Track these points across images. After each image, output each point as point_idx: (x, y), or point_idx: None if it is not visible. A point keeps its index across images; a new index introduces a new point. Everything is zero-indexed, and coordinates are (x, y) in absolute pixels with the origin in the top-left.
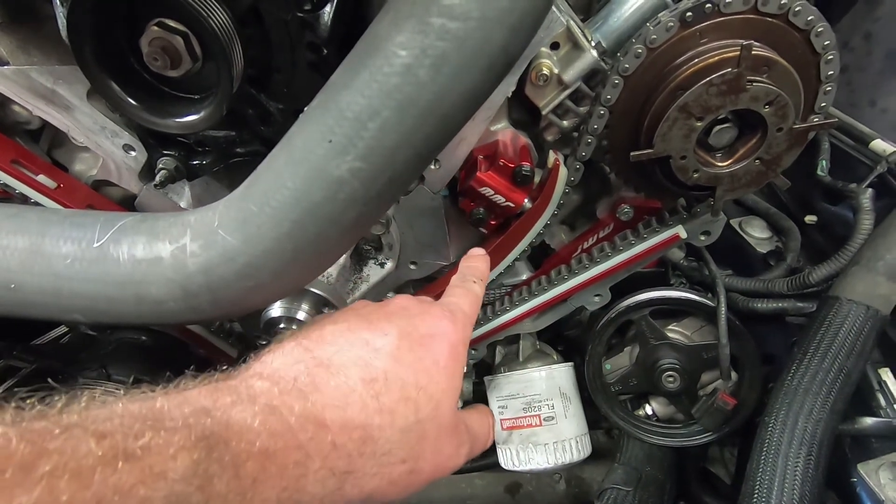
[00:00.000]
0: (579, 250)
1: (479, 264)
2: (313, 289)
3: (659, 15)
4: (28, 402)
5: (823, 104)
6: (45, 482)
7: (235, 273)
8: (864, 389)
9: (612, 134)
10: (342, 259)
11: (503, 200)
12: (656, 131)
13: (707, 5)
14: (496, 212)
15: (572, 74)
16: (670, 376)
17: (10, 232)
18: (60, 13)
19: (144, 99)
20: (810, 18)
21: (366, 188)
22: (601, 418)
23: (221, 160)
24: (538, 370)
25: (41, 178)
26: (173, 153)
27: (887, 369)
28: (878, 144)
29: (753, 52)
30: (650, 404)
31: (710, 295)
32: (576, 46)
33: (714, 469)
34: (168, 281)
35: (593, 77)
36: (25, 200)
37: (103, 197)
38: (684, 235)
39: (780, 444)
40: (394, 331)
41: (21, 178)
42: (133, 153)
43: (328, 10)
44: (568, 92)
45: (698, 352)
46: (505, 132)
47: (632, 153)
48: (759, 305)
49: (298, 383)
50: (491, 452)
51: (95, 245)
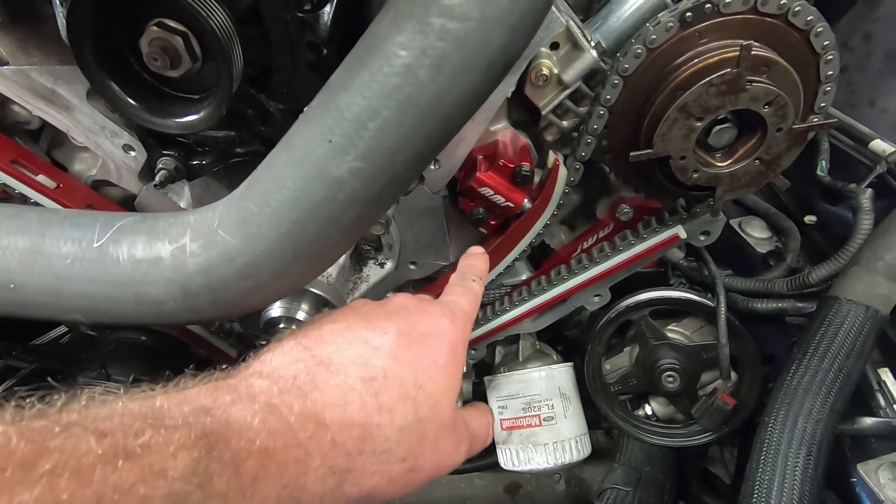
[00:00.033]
0: (579, 250)
1: (478, 262)
2: (313, 289)
3: (658, 15)
4: (28, 401)
5: (823, 104)
6: (46, 480)
7: (235, 273)
8: (864, 389)
9: (612, 134)
10: (342, 259)
11: (503, 200)
12: (656, 131)
13: (706, 5)
14: (496, 212)
15: (572, 74)
16: (670, 376)
17: (10, 232)
18: (60, 13)
19: (144, 99)
20: (810, 18)
21: (366, 188)
22: (601, 418)
23: (221, 160)
24: (538, 370)
25: (41, 178)
26: (173, 153)
27: (887, 369)
28: (878, 144)
29: (753, 53)
30: (650, 404)
31: (710, 295)
32: (575, 46)
33: (714, 469)
34: (168, 281)
35: (593, 77)
36: (25, 200)
37: (103, 197)
38: (684, 235)
39: (780, 444)
40: (393, 329)
41: (21, 178)
42: (133, 153)
43: (328, 11)
44: (568, 92)
45: (698, 352)
46: (505, 132)
47: (631, 153)
48: (759, 305)
49: (298, 382)
50: (491, 452)
51: (95, 245)
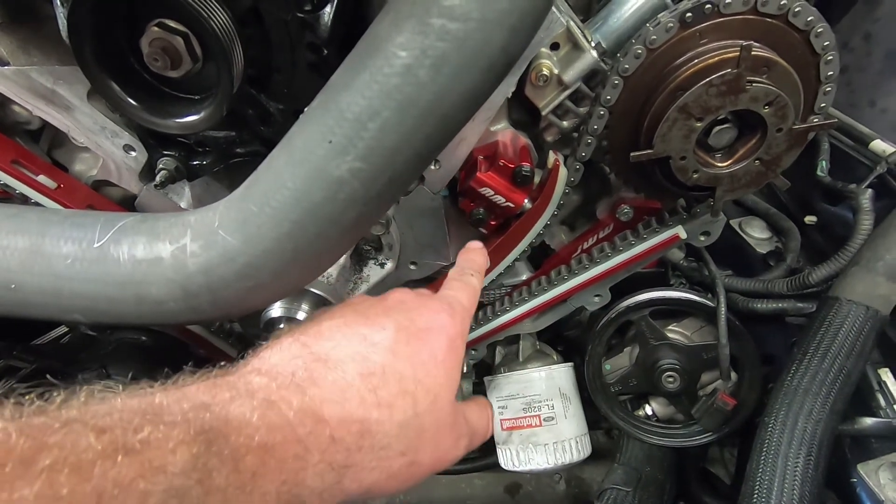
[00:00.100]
0: (579, 251)
1: (477, 257)
2: (313, 289)
3: (659, 15)
4: (27, 398)
5: (823, 105)
6: (46, 476)
7: (235, 273)
8: (864, 390)
9: (612, 134)
10: (342, 259)
11: (503, 201)
12: (656, 132)
13: (707, 6)
14: (496, 212)
15: (572, 75)
16: (670, 377)
17: (11, 232)
18: (61, 13)
19: (144, 99)
20: (810, 19)
21: (366, 188)
22: (601, 418)
23: (221, 160)
24: (538, 370)
25: (41, 179)
26: (173, 153)
27: (887, 369)
28: (878, 145)
29: (753, 53)
30: (650, 404)
31: (710, 295)
32: (576, 47)
33: (714, 469)
34: (168, 281)
35: (593, 77)
36: (25, 201)
37: (103, 197)
38: (684, 236)
39: (780, 445)
40: (391, 325)
41: (21, 179)
42: (133, 153)
43: (328, 11)
44: (568, 92)
45: (698, 352)
46: (505, 132)
47: (632, 154)
48: (759, 306)
49: (296, 378)
50: (491, 452)
51: (96, 245)
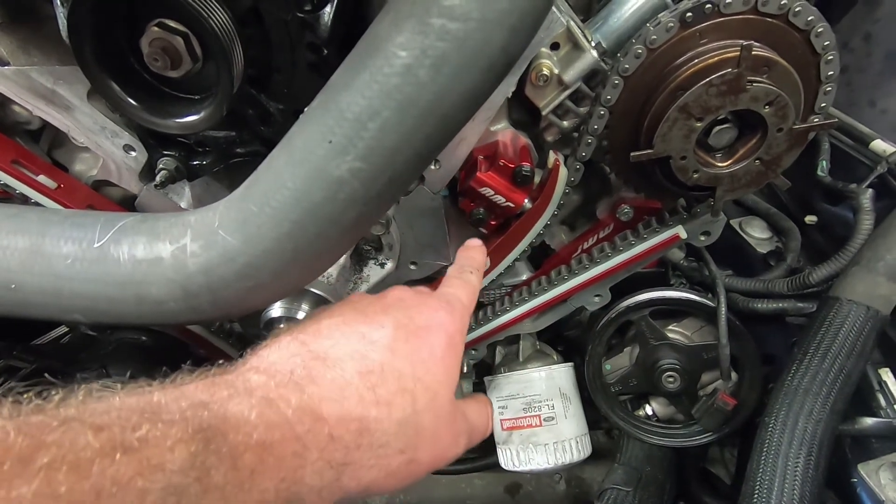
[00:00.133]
0: (579, 251)
1: (476, 255)
2: (313, 289)
3: (659, 15)
4: (25, 397)
5: (823, 104)
6: (44, 474)
7: (235, 273)
8: (865, 390)
9: (612, 134)
10: (342, 259)
11: (503, 201)
12: (656, 132)
13: (707, 6)
14: (496, 212)
15: (572, 75)
16: (670, 376)
17: (11, 232)
18: (61, 13)
19: (144, 99)
20: (810, 19)
21: (366, 188)
22: (601, 418)
23: (222, 160)
24: (538, 370)
25: (41, 179)
26: (173, 153)
27: (887, 369)
28: (878, 145)
29: (753, 53)
30: (650, 404)
31: (710, 295)
32: (576, 47)
33: (714, 469)
34: (168, 281)
35: (593, 77)
36: (26, 201)
37: (103, 197)
38: (684, 236)
39: (781, 445)
40: (390, 323)
41: (21, 179)
42: (133, 153)
43: (328, 11)
44: (568, 92)
45: (698, 352)
46: (505, 132)
47: (632, 153)
48: (760, 306)
49: (295, 376)
50: (491, 452)
51: (96, 245)
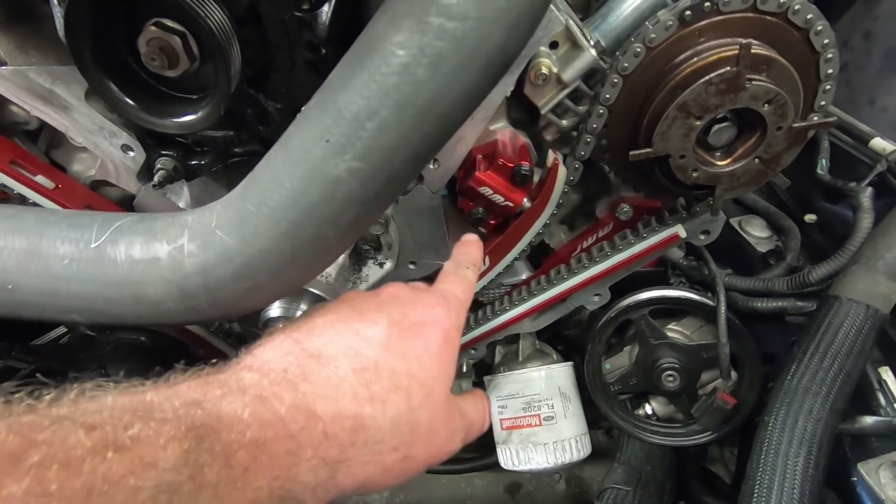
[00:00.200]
0: (579, 250)
1: (472, 250)
2: (312, 289)
3: (658, 14)
4: (17, 397)
5: (823, 103)
6: (34, 472)
7: (233, 273)
8: (864, 388)
9: (611, 133)
10: (341, 259)
11: (502, 200)
12: (655, 130)
13: (706, 4)
14: (495, 211)
15: (571, 73)
16: (670, 376)
17: (8, 232)
18: (58, 12)
19: (142, 99)
20: (809, 17)
21: (364, 188)
22: (601, 418)
23: (220, 160)
24: (538, 370)
25: (39, 179)
26: (172, 153)
27: (887, 368)
28: (878, 143)
29: (752, 51)
30: (650, 404)
31: (710, 294)
32: (575, 45)
33: (714, 468)
34: (165, 281)
35: (592, 76)
36: (24, 201)
37: (102, 197)
38: (684, 235)
39: (780, 444)
40: (384, 320)
41: (19, 179)
42: (131, 153)
43: (326, 10)
44: (567, 91)
45: (698, 351)
46: (504, 131)
47: (631, 152)
48: (759, 304)
49: (288, 374)
50: (491, 452)
51: (93, 245)
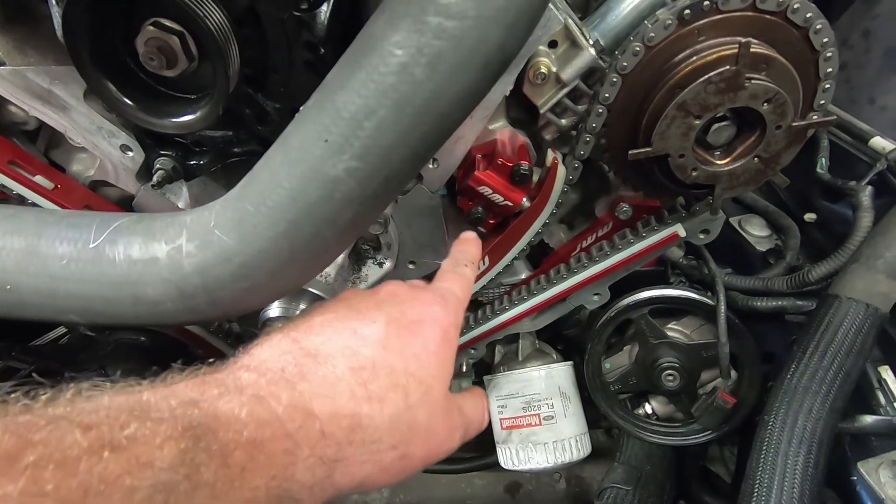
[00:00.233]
0: (578, 249)
1: (471, 248)
2: (311, 289)
3: (657, 13)
4: (13, 397)
5: (822, 102)
6: (30, 472)
7: (231, 273)
8: (864, 387)
9: (611, 132)
10: (340, 259)
11: (501, 199)
12: (654, 129)
13: (705, 3)
14: (494, 211)
15: (570, 73)
16: (670, 375)
17: (7, 233)
18: (56, 12)
19: (140, 99)
20: (809, 16)
21: (362, 187)
22: (601, 417)
23: (219, 160)
24: (537, 369)
25: (38, 179)
26: (170, 153)
27: (887, 367)
28: (878, 142)
29: (752, 50)
30: (650, 403)
31: (710, 293)
32: (574, 45)
33: (714, 468)
34: (164, 281)
35: (591, 75)
36: (23, 201)
37: (101, 197)
38: (683, 234)
39: (780, 443)
40: (382, 318)
41: (18, 179)
42: (130, 153)
43: (325, 9)
44: (566, 90)
45: (698, 350)
46: (503, 131)
47: (630, 151)
48: (759, 304)
49: (286, 374)
50: (491, 452)
51: (91, 246)
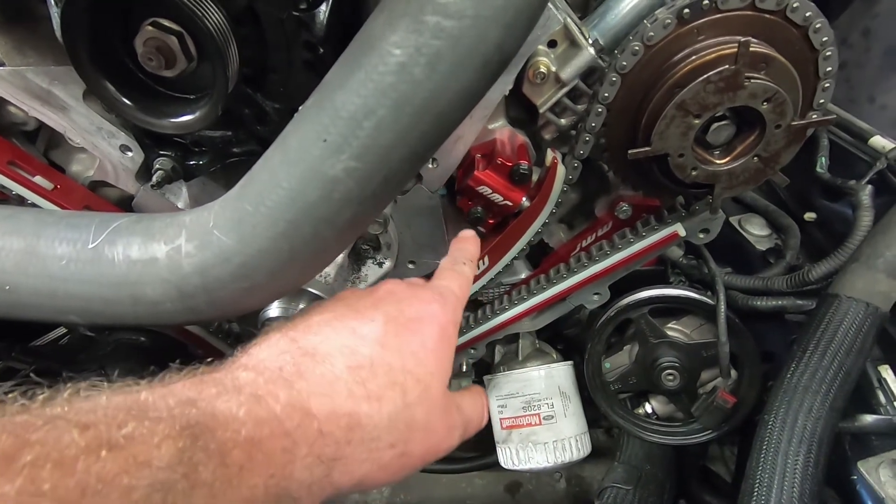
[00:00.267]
0: (578, 249)
1: (469, 246)
2: (311, 289)
3: (656, 12)
4: (10, 397)
5: (822, 101)
6: (27, 471)
7: (231, 273)
8: (864, 387)
9: (610, 132)
10: (340, 258)
11: (501, 199)
12: (654, 129)
13: (704, 2)
14: (494, 210)
15: (570, 72)
16: (670, 374)
17: (6, 233)
18: (55, 13)
19: (139, 99)
20: (808, 14)
21: (361, 187)
22: (601, 417)
23: (218, 160)
24: (537, 369)
25: (38, 180)
26: (170, 153)
27: (887, 366)
28: (878, 141)
29: (751, 49)
30: (650, 403)
31: (710, 293)
32: (573, 44)
33: (714, 467)
34: (163, 282)
35: (591, 75)
36: (22, 202)
37: (100, 198)
38: (683, 233)
39: (780, 442)
40: (380, 317)
41: (18, 180)
42: (130, 154)
43: (324, 9)
44: (565, 90)
45: (698, 350)
46: (503, 130)
47: (630, 151)
48: (759, 303)
49: (284, 373)
50: (491, 451)
51: (91, 246)
